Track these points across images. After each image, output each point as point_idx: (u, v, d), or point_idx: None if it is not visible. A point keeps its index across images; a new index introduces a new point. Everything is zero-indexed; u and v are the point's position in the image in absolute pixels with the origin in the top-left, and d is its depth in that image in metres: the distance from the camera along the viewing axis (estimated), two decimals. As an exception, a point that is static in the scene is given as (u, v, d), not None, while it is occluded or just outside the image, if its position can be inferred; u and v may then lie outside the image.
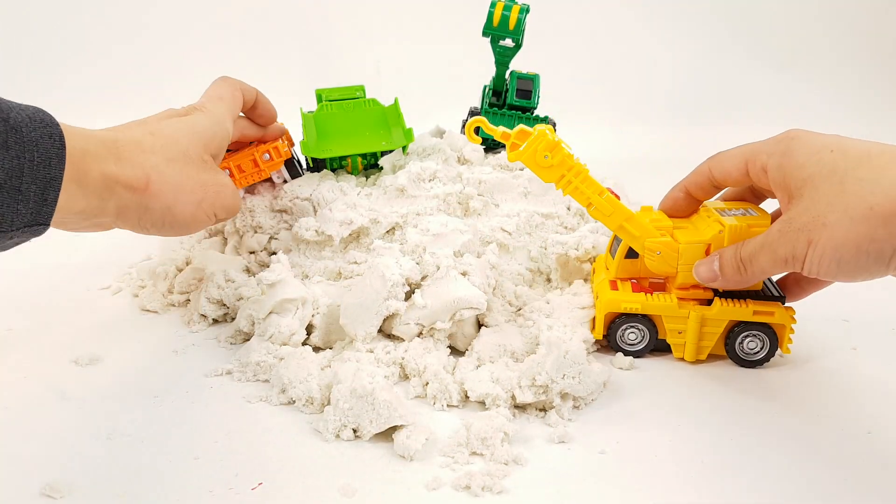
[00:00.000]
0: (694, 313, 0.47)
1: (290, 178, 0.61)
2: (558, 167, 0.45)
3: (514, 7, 0.63)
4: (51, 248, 0.65)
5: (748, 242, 0.42)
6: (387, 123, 0.63)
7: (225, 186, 0.47)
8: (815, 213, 0.37)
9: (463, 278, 0.49)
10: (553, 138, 0.45)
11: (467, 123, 0.47)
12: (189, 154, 0.44)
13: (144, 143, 0.42)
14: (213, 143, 0.47)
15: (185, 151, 0.44)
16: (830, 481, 0.38)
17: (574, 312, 0.51)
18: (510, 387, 0.43)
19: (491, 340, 0.48)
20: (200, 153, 0.46)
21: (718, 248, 0.45)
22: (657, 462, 0.39)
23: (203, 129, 0.47)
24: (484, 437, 0.39)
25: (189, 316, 0.54)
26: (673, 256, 0.46)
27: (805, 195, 0.38)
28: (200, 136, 0.46)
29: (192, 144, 0.45)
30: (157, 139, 0.43)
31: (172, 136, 0.44)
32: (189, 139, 0.45)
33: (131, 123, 0.45)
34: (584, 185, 0.46)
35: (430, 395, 0.44)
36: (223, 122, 0.49)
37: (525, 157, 0.45)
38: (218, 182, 0.47)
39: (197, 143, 0.45)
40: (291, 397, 0.44)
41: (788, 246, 0.38)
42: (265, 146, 0.58)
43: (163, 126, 0.45)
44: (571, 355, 0.43)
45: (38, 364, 0.47)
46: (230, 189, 0.48)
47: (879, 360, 0.51)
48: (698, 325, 0.47)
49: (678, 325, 0.48)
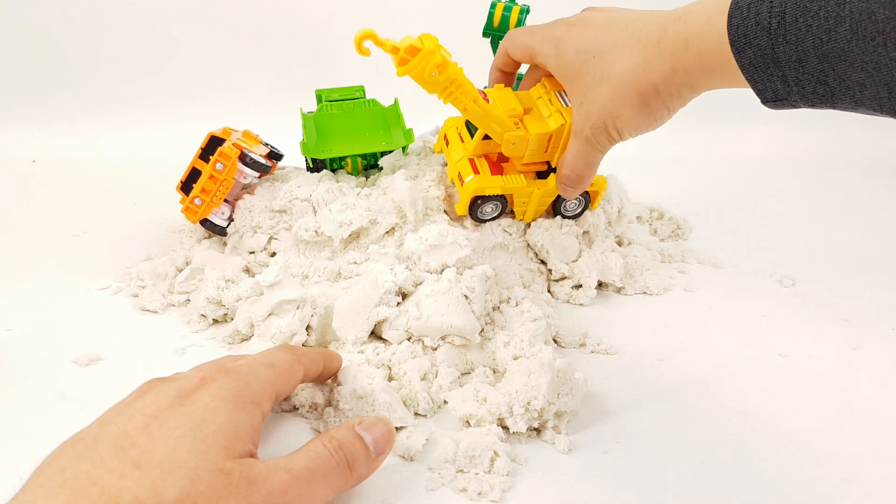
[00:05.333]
0: (537, 191, 0.56)
1: (258, 172, 0.60)
2: (443, 82, 0.48)
3: (515, 8, 0.63)
4: (51, 248, 0.66)
5: (571, 160, 0.51)
6: (387, 124, 0.63)
7: (256, 482, 0.30)
8: (600, 106, 0.46)
9: (465, 302, 0.48)
10: (441, 57, 0.46)
11: (356, 36, 0.46)
12: (198, 476, 0.28)
13: (125, 490, 0.27)
14: (239, 439, 0.31)
15: (191, 476, 0.28)
16: (831, 481, 0.38)
17: (526, 325, 0.49)
18: (497, 411, 0.41)
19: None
20: (220, 464, 0.29)
21: (559, 137, 0.53)
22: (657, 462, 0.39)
23: (219, 426, 0.30)
24: (473, 455, 0.38)
25: (189, 316, 0.54)
26: (523, 146, 0.53)
27: (583, 89, 0.47)
28: (215, 438, 0.30)
29: (202, 461, 0.29)
30: (146, 474, 0.27)
31: (169, 458, 0.28)
32: (197, 455, 0.29)
33: (101, 447, 0.28)
34: (462, 94, 0.49)
35: (403, 399, 0.43)
36: (259, 401, 0.33)
37: (414, 72, 0.46)
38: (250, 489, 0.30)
39: (209, 452, 0.29)
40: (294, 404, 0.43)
41: (602, 142, 0.49)
42: (213, 158, 0.58)
43: (154, 443, 0.29)
44: (563, 373, 0.41)
45: (38, 364, 0.47)
46: (268, 477, 0.30)
47: (880, 360, 0.51)
48: (539, 198, 0.57)
49: (524, 198, 0.57)
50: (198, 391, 0.32)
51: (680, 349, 0.52)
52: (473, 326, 0.47)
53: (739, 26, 0.36)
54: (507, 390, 0.42)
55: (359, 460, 0.34)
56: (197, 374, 0.33)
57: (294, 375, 0.38)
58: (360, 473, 0.34)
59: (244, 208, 0.60)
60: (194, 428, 0.30)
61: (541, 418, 0.41)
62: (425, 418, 0.43)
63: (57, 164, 0.92)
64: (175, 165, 0.67)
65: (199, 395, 0.32)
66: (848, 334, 0.54)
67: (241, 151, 0.58)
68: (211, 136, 0.60)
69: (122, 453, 0.28)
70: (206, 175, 0.58)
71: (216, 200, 0.59)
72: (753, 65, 0.36)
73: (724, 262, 0.67)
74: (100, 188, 0.84)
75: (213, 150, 0.59)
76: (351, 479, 0.34)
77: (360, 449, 0.34)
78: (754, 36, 0.35)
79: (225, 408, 0.31)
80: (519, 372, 0.42)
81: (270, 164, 0.61)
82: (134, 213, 0.75)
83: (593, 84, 0.46)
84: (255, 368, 0.35)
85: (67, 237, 0.69)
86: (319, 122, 0.62)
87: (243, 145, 0.60)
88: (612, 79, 0.45)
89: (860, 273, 0.66)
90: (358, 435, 0.35)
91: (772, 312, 0.58)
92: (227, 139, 0.59)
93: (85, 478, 0.27)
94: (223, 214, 0.61)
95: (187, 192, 0.60)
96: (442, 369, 0.46)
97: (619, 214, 0.65)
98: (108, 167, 0.92)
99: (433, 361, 0.47)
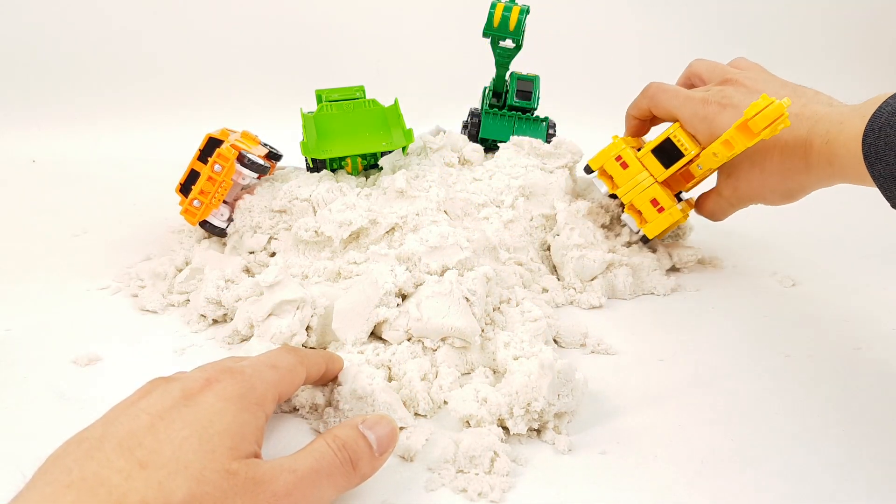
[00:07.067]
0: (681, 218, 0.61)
1: (256, 173, 0.60)
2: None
3: (515, 8, 0.63)
4: (50, 248, 0.66)
5: (710, 207, 0.62)
6: (387, 124, 0.63)
7: (261, 483, 0.30)
8: (749, 188, 0.58)
9: (466, 305, 0.48)
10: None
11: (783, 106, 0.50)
12: (205, 477, 0.28)
13: (132, 490, 0.27)
14: (245, 440, 0.31)
15: (197, 477, 0.28)
16: (832, 482, 0.38)
17: (527, 326, 0.49)
18: (498, 412, 0.41)
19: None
20: (225, 465, 0.29)
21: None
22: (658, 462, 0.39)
23: (225, 427, 0.31)
24: (473, 455, 0.38)
25: (189, 316, 0.54)
26: (721, 161, 0.57)
27: (734, 167, 0.58)
28: (221, 438, 0.30)
29: (208, 462, 0.29)
30: (153, 474, 0.28)
31: (175, 459, 0.28)
32: (203, 456, 0.29)
33: (107, 446, 0.29)
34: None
35: (402, 399, 0.43)
36: (263, 402, 0.34)
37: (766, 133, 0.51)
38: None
39: (215, 453, 0.29)
40: (294, 405, 0.43)
41: (739, 208, 0.60)
42: (211, 159, 0.58)
43: (160, 443, 0.29)
44: (563, 374, 0.41)
45: (38, 364, 0.47)
46: (273, 480, 0.31)
47: (883, 360, 0.51)
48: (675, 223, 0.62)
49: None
50: (203, 392, 0.32)
51: (680, 349, 0.52)
52: (474, 329, 0.47)
53: (871, 145, 0.43)
54: (508, 391, 0.41)
55: (363, 459, 0.34)
56: (201, 374, 0.33)
57: (297, 377, 0.38)
58: (364, 472, 0.34)
59: (244, 208, 0.60)
60: (200, 429, 0.30)
61: (541, 419, 0.41)
62: (425, 419, 0.43)
63: (57, 164, 0.92)
64: (175, 165, 0.67)
65: (204, 395, 0.32)
66: (849, 335, 0.54)
67: (239, 153, 0.58)
68: (209, 137, 0.60)
69: (128, 453, 0.28)
70: (205, 177, 0.58)
71: (215, 202, 0.59)
72: (883, 176, 0.42)
73: (724, 262, 0.67)
74: (99, 188, 0.84)
75: (212, 152, 0.58)
76: (355, 477, 0.34)
77: (363, 447, 0.34)
78: (884, 154, 0.42)
79: (230, 409, 0.31)
80: (519, 373, 0.42)
81: (269, 165, 0.61)
82: (133, 213, 0.75)
83: (745, 168, 0.57)
84: (259, 369, 0.35)
85: (67, 237, 0.69)
86: (319, 122, 0.61)
87: (241, 146, 0.59)
88: (763, 172, 0.55)
89: (861, 273, 0.66)
90: (361, 433, 0.35)
91: (772, 312, 0.58)
92: (226, 140, 0.59)
93: (92, 478, 0.27)
94: (222, 216, 0.61)
95: (186, 193, 0.60)
96: (442, 370, 0.46)
97: None
98: (107, 167, 0.92)
99: (433, 362, 0.46)
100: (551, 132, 0.70)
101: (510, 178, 0.64)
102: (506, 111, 0.70)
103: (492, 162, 0.66)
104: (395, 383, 0.45)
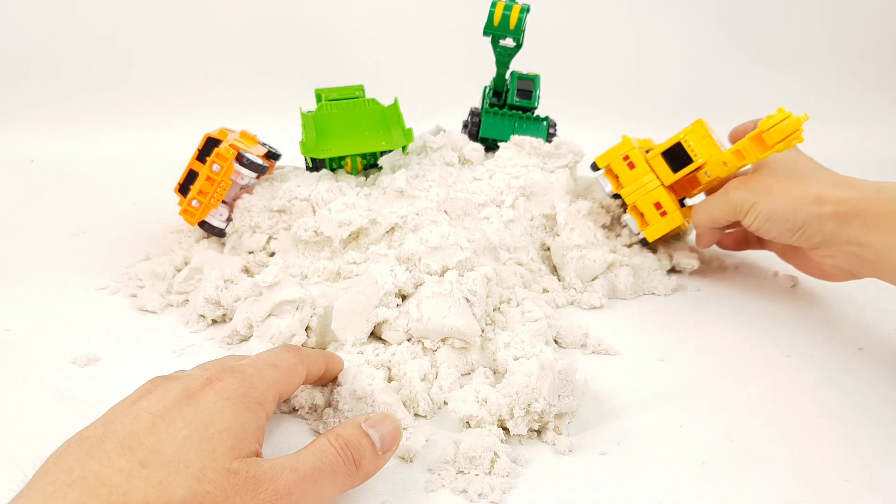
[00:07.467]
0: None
1: (255, 173, 0.60)
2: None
3: (515, 7, 0.63)
4: (49, 248, 0.66)
5: (710, 204, 0.58)
6: (386, 123, 0.62)
7: (263, 482, 0.30)
8: (764, 184, 0.53)
9: (466, 305, 0.48)
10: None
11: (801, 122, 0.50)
12: (206, 476, 0.28)
13: (133, 490, 0.27)
14: (246, 439, 0.31)
15: (198, 476, 0.28)
16: (832, 482, 0.38)
17: (527, 326, 0.49)
18: (498, 412, 0.41)
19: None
20: (226, 464, 0.29)
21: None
22: (658, 463, 0.39)
23: (226, 426, 0.30)
24: (473, 456, 0.38)
25: (188, 316, 0.53)
26: (730, 170, 0.58)
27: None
28: (222, 438, 0.30)
29: (209, 461, 0.29)
30: (154, 474, 0.27)
31: (176, 458, 0.28)
32: (204, 455, 0.29)
33: (108, 446, 0.28)
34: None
35: (402, 400, 0.43)
36: (263, 401, 0.33)
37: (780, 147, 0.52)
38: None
39: (216, 452, 0.29)
40: (293, 405, 0.43)
41: (738, 200, 0.54)
42: (210, 159, 0.58)
43: (161, 442, 0.29)
44: (564, 375, 0.41)
45: (38, 364, 0.47)
46: (275, 477, 0.30)
47: (884, 361, 0.51)
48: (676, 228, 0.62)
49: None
50: (203, 391, 0.32)
51: (681, 349, 0.52)
52: (474, 329, 0.47)
53: None
54: (508, 392, 0.41)
55: (365, 458, 0.34)
56: (202, 373, 0.33)
57: (297, 376, 0.37)
58: (367, 471, 0.34)
59: (243, 208, 0.60)
60: (201, 428, 0.30)
61: (541, 420, 0.41)
62: (425, 419, 0.43)
63: (55, 164, 0.92)
64: (174, 165, 0.67)
65: (204, 394, 0.31)
66: (850, 335, 0.54)
67: (237, 152, 0.58)
68: (207, 137, 0.59)
69: (129, 453, 0.28)
70: (203, 177, 0.58)
71: (214, 202, 0.59)
72: None
73: (724, 262, 0.67)
74: (98, 188, 0.84)
75: (210, 152, 0.58)
76: (357, 476, 0.34)
77: (366, 446, 0.34)
78: None
79: (231, 408, 0.31)
80: (520, 373, 0.42)
81: (268, 165, 0.61)
82: (132, 213, 0.75)
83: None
84: (260, 368, 0.35)
85: (66, 237, 0.69)
86: (319, 121, 0.61)
87: (240, 146, 0.59)
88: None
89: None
90: (364, 432, 0.34)
91: (774, 312, 0.57)
92: (224, 140, 0.59)
93: (94, 477, 0.27)
94: (221, 216, 0.60)
95: (185, 193, 0.59)
96: (442, 370, 0.46)
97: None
98: (106, 167, 0.92)
99: (433, 362, 0.46)
100: (552, 131, 0.70)
101: (511, 178, 0.64)
102: (506, 110, 0.69)
103: (492, 161, 0.66)
104: (395, 384, 0.45)
